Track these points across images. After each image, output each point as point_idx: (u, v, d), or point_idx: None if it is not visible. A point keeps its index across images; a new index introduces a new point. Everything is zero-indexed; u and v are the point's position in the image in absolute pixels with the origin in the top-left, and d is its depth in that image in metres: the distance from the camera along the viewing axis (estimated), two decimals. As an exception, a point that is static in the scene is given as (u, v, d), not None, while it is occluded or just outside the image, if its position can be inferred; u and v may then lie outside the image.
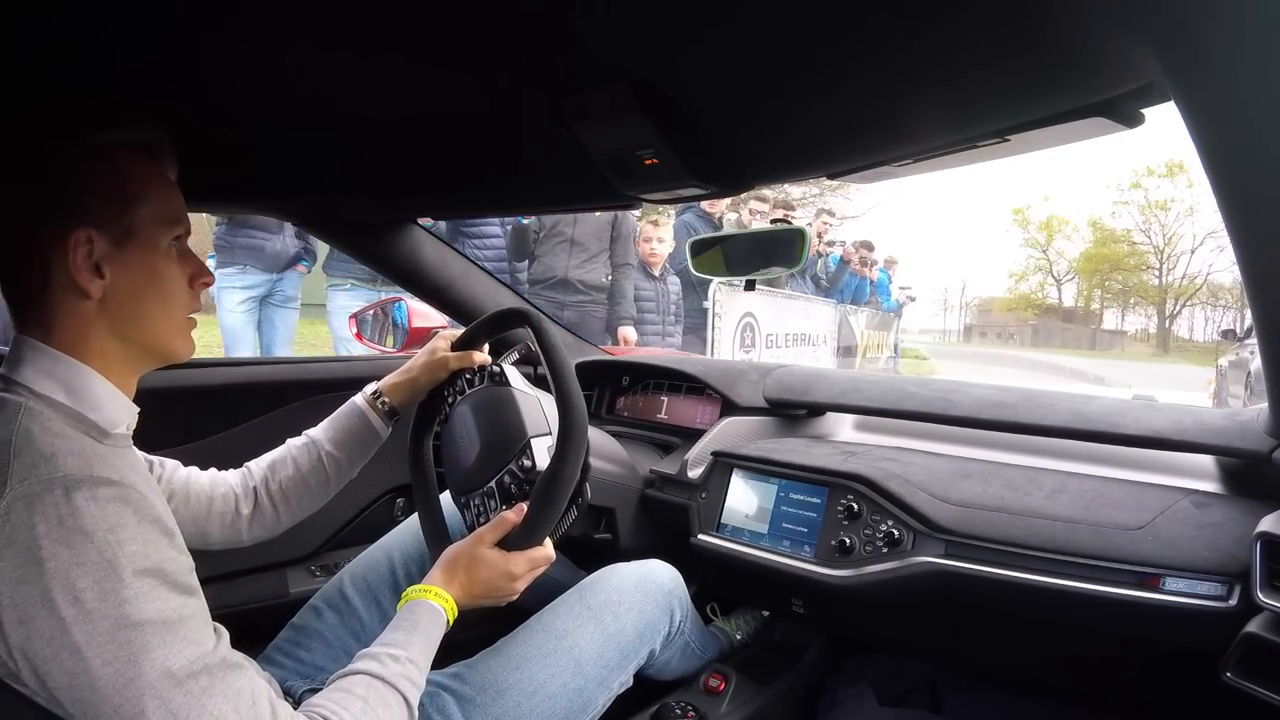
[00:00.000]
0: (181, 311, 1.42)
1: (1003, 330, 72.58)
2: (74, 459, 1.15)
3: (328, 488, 1.97)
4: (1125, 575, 1.70)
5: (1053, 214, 69.36)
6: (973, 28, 1.03)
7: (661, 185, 1.69)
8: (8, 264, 1.27)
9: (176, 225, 1.38)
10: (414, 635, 1.52)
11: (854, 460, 2.24)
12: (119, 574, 1.09)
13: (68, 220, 1.24)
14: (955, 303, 77.96)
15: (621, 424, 3.10)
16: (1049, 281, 68.30)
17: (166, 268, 1.37)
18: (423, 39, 1.17)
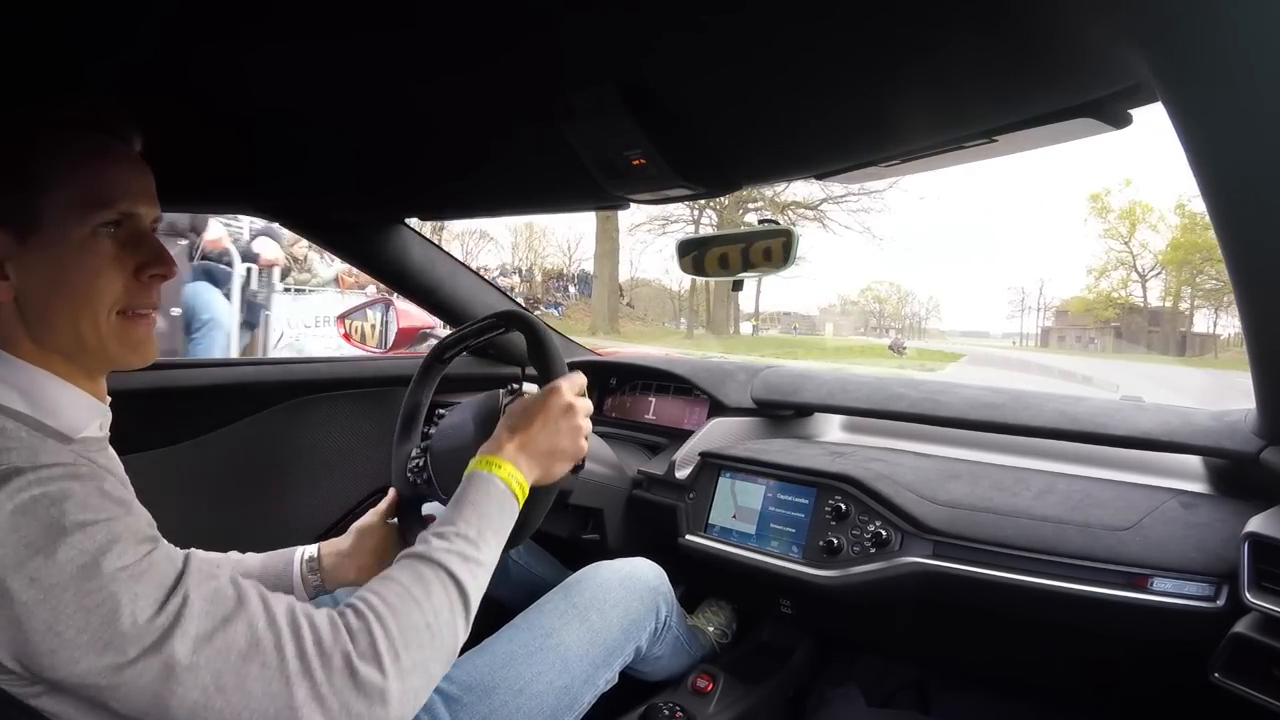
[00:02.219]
0: (109, 310, 1.23)
1: (1082, 334, 68.45)
2: (23, 454, 1.08)
3: None
4: (1113, 575, 1.70)
5: (1135, 200, 61.54)
6: (959, 29, 1.03)
7: (650, 186, 1.69)
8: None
9: (104, 208, 1.20)
10: (461, 509, 1.43)
11: (842, 461, 2.25)
12: (71, 542, 1.02)
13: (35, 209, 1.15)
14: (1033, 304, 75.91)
15: (609, 425, 3.10)
16: (1132, 278, 61.75)
17: (83, 261, 1.19)
18: (411, 39, 1.17)
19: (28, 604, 0.98)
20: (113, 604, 1.01)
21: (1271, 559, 1.47)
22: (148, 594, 1.04)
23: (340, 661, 1.13)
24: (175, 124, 1.50)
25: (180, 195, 1.78)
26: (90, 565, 1.02)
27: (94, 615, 1.00)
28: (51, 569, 0.99)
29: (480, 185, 2.16)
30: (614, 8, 1.06)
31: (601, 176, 1.66)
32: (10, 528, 0.99)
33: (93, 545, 1.03)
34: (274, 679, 1.09)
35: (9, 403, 1.15)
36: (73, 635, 0.99)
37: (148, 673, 1.02)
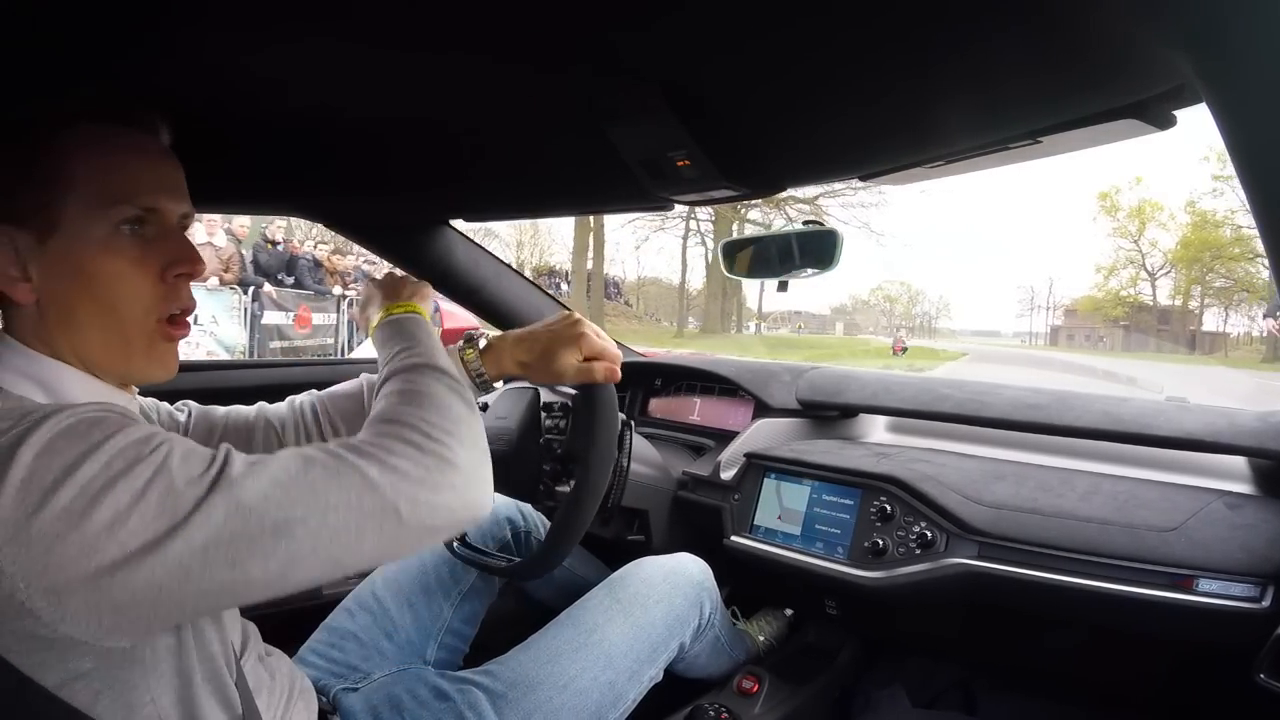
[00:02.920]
0: (139, 316, 1.22)
1: (1092, 333, 70.30)
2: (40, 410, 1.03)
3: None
4: (1158, 577, 1.70)
5: (1145, 199, 62.42)
6: (1005, 30, 1.03)
7: (694, 187, 1.69)
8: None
9: (123, 204, 1.18)
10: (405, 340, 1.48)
11: (887, 462, 2.24)
12: (118, 444, 0.99)
13: (66, 201, 1.14)
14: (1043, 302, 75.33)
15: (654, 426, 3.12)
16: (1141, 276, 62.75)
17: (104, 262, 1.17)
18: (456, 40, 1.18)
19: (79, 507, 0.94)
20: (167, 471, 0.99)
21: (1318, 561, 1.46)
22: (194, 459, 1.02)
23: (394, 442, 1.15)
24: (216, 123, 1.51)
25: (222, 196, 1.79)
26: (137, 446, 1.00)
27: (151, 485, 0.97)
28: (103, 474, 0.96)
29: (523, 186, 2.17)
30: (662, 14, 1.06)
31: (645, 177, 1.66)
32: (50, 453, 0.96)
33: (136, 436, 1.01)
34: (340, 471, 1.08)
35: (27, 393, 1.13)
36: (129, 503, 0.95)
37: (214, 513, 0.98)
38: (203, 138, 1.36)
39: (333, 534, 1.05)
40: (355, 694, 1.75)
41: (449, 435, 1.20)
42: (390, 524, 1.09)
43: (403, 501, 1.10)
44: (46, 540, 0.92)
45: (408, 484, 1.11)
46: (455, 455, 1.18)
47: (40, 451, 0.95)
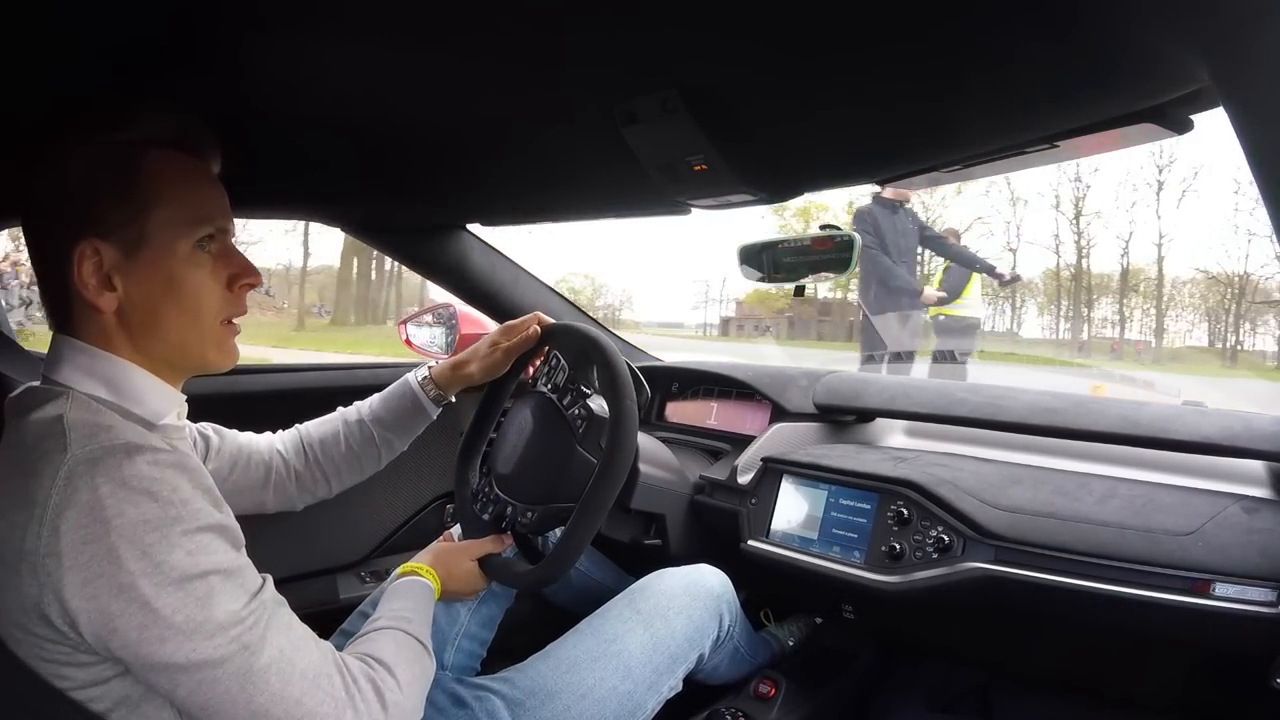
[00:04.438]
0: (212, 320, 1.36)
1: (759, 323, 71.50)
2: (132, 431, 1.18)
3: (378, 461, 2.04)
4: (1175, 581, 1.69)
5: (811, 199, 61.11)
6: (1023, 34, 1.03)
7: (711, 191, 1.70)
8: (38, 270, 1.28)
9: (203, 224, 1.31)
10: (419, 607, 1.66)
11: (904, 466, 2.24)
12: (185, 528, 1.11)
13: (75, 231, 1.22)
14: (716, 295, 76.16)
15: (671, 430, 3.11)
16: None
17: (189, 274, 1.30)
18: (475, 45, 1.19)
19: (134, 574, 1.06)
20: (209, 593, 1.10)
21: (1336, 564, 1.46)
22: (236, 594, 1.14)
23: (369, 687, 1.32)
24: (237, 131, 1.52)
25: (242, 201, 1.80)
26: (198, 553, 1.11)
27: (192, 600, 1.08)
28: (164, 549, 1.07)
29: (540, 191, 2.18)
30: (682, 18, 1.07)
31: (662, 181, 1.66)
32: (129, 499, 1.07)
33: (202, 538, 1.13)
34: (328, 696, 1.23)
35: (94, 392, 1.24)
36: (169, 614, 1.07)
37: (230, 660, 1.12)
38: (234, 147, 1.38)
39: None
40: None
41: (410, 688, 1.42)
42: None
43: None
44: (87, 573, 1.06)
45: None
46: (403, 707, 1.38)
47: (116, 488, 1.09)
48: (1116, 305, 54.10)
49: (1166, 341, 54.29)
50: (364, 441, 1.97)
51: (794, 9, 1.02)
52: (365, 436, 1.98)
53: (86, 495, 1.06)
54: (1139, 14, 0.95)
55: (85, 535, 1.05)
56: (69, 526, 1.05)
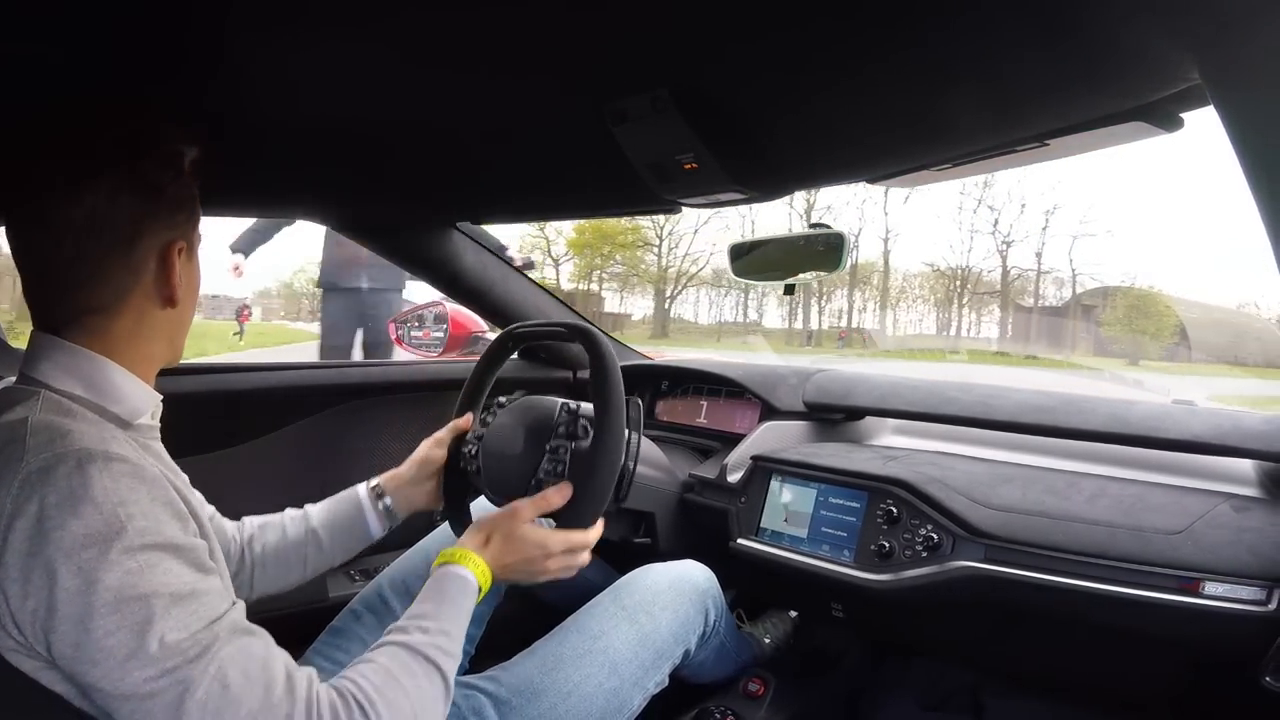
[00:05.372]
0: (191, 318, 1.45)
1: None
2: (91, 436, 1.15)
3: (304, 568, 1.89)
4: (1165, 579, 1.69)
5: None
6: (1014, 33, 1.03)
7: (700, 190, 1.70)
8: (96, 272, 1.25)
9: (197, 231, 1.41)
10: (443, 605, 1.50)
11: (894, 465, 2.24)
12: (127, 545, 1.07)
13: (167, 233, 1.30)
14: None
15: (661, 428, 3.11)
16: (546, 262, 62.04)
17: (198, 275, 1.42)
18: (466, 44, 1.19)
19: (69, 591, 1.03)
20: (147, 619, 1.06)
21: (1325, 564, 1.46)
22: (184, 621, 1.09)
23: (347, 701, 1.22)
24: (229, 128, 1.52)
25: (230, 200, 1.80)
26: (140, 573, 1.07)
27: (126, 624, 1.05)
28: (101, 566, 1.04)
29: (530, 189, 2.18)
30: (673, 17, 1.06)
31: (652, 180, 1.66)
32: (72, 511, 1.05)
33: (147, 556, 1.09)
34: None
35: (71, 389, 1.24)
36: (100, 637, 1.04)
37: (161, 695, 1.07)
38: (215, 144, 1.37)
39: None
40: None
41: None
42: None
43: None
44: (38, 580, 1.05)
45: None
46: None
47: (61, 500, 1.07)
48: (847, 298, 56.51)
49: (900, 330, 56.71)
50: (298, 540, 1.89)
51: (784, 7, 1.02)
52: (300, 535, 1.89)
53: (34, 506, 1.05)
54: (1130, 13, 0.95)
55: (29, 547, 1.04)
56: (16, 538, 1.04)
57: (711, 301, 59.35)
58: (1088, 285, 51.09)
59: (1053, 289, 52.68)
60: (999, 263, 51.92)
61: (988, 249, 60.51)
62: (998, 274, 52.33)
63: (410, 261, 2.93)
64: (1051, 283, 52.37)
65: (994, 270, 52.52)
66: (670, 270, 52.05)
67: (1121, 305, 48.14)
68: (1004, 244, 51.10)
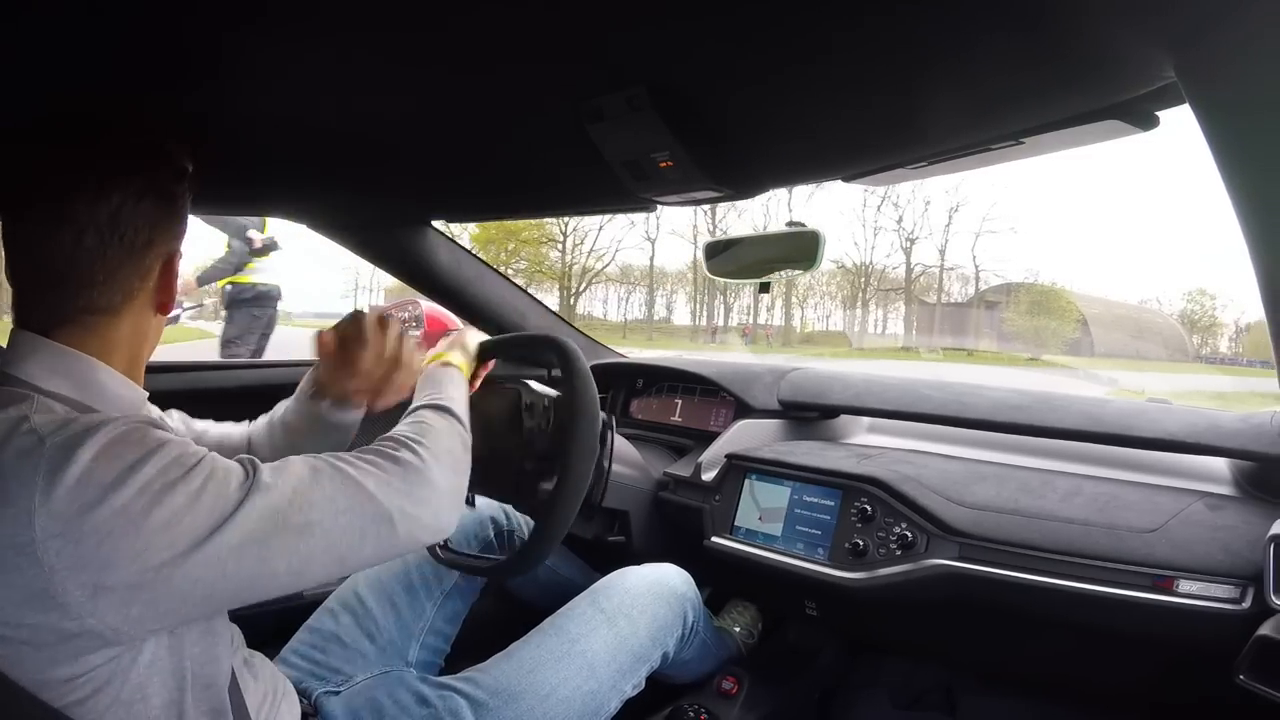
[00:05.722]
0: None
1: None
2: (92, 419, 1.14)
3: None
4: (1139, 577, 1.70)
5: None
6: (990, 32, 1.03)
7: (676, 188, 1.69)
8: (110, 273, 1.26)
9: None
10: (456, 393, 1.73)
11: (868, 463, 2.24)
12: (164, 450, 1.11)
13: (173, 242, 1.34)
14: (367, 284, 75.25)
15: (635, 427, 3.11)
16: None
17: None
18: (441, 42, 1.18)
19: (137, 506, 1.06)
20: (214, 477, 1.14)
21: (1298, 561, 1.47)
22: (234, 469, 1.19)
23: (387, 459, 1.38)
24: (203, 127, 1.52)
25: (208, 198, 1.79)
26: (188, 455, 1.14)
27: (205, 489, 1.12)
28: (155, 469, 1.09)
29: (505, 187, 2.17)
30: (650, 15, 1.06)
31: (628, 178, 1.66)
32: (109, 452, 1.07)
33: (186, 448, 1.15)
34: (345, 481, 1.29)
35: (58, 389, 1.22)
36: (185, 505, 1.09)
37: (251, 514, 1.14)
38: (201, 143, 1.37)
39: (342, 534, 1.25)
40: (337, 697, 1.75)
41: (435, 460, 1.44)
42: (385, 529, 1.31)
43: (395, 511, 1.32)
44: (99, 536, 1.03)
45: (398, 496, 1.33)
46: (435, 476, 1.42)
47: (99, 453, 1.06)
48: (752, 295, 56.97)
49: (811, 326, 57.16)
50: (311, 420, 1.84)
51: (759, 6, 1.02)
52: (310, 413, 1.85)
53: (75, 469, 1.03)
54: (1105, 10, 0.95)
55: (80, 505, 1.02)
56: (61, 499, 1.02)
57: (620, 298, 59.80)
58: (992, 282, 51.95)
59: (958, 285, 53.52)
60: (903, 259, 52.65)
61: (892, 245, 61.48)
62: (903, 270, 53.15)
63: (385, 260, 2.92)
64: (956, 279, 53.19)
65: (899, 267, 53.33)
66: (575, 267, 52.00)
67: (1025, 301, 48.84)
68: (908, 241, 51.75)
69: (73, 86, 1.39)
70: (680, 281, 57.83)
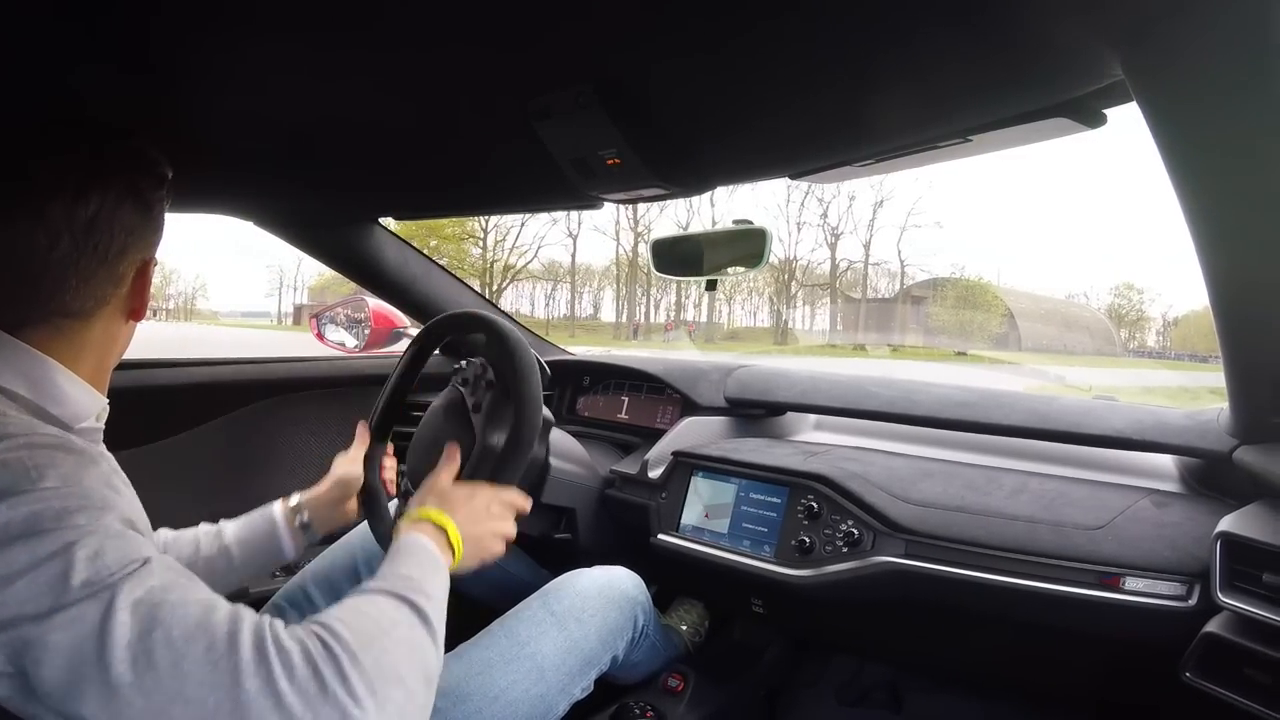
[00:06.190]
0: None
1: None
2: (19, 426, 1.09)
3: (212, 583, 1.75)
4: (1086, 575, 1.71)
5: None
6: (938, 29, 1.03)
7: (623, 185, 1.69)
8: (84, 277, 1.24)
9: None
10: (423, 568, 1.34)
11: (815, 460, 2.25)
12: (38, 495, 0.99)
13: (148, 251, 1.32)
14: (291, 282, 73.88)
15: (582, 424, 3.10)
16: None
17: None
18: (388, 38, 1.17)
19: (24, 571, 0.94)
20: (68, 551, 0.96)
21: (1243, 558, 1.47)
22: (107, 552, 0.98)
23: (305, 670, 0.98)
24: (148, 124, 1.50)
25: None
26: (57, 515, 0.98)
27: (47, 560, 0.95)
28: (13, 512, 0.97)
29: (452, 185, 2.16)
30: (596, 10, 1.06)
31: (575, 176, 1.66)
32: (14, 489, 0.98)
33: (60, 503, 0.99)
34: (220, 665, 0.94)
35: (13, 387, 1.19)
36: (23, 568, 0.95)
37: (81, 620, 0.93)
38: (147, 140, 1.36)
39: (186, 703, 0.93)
40: None
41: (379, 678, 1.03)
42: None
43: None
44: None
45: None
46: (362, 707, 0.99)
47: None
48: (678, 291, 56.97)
49: (738, 323, 57.76)
50: (211, 555, 1.85)
51: (706, 4, 1.02)
52: (215, 550, 1.86)
53: None
54: (1053, 7, 0.95)
55: None
56: None
57: (547, 295, 59.69)
58: (918, 277, 52.36)
59: (884, 281, 53.80)
60: (828, 255, 52.64)
61: (817, 240, 61.55)
62: (828, 266, 53.26)
63: (331, 257, 2.90)
64: (883, 275, 53.50)
65: (824, 262, 53.43)
66: (496, 264, 51.47)
67: (950, 296, 49.09)
68: (833, 236, 51.82)
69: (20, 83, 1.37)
70: (607, 278, 58.08)
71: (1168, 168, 1.11)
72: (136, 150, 1.28)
